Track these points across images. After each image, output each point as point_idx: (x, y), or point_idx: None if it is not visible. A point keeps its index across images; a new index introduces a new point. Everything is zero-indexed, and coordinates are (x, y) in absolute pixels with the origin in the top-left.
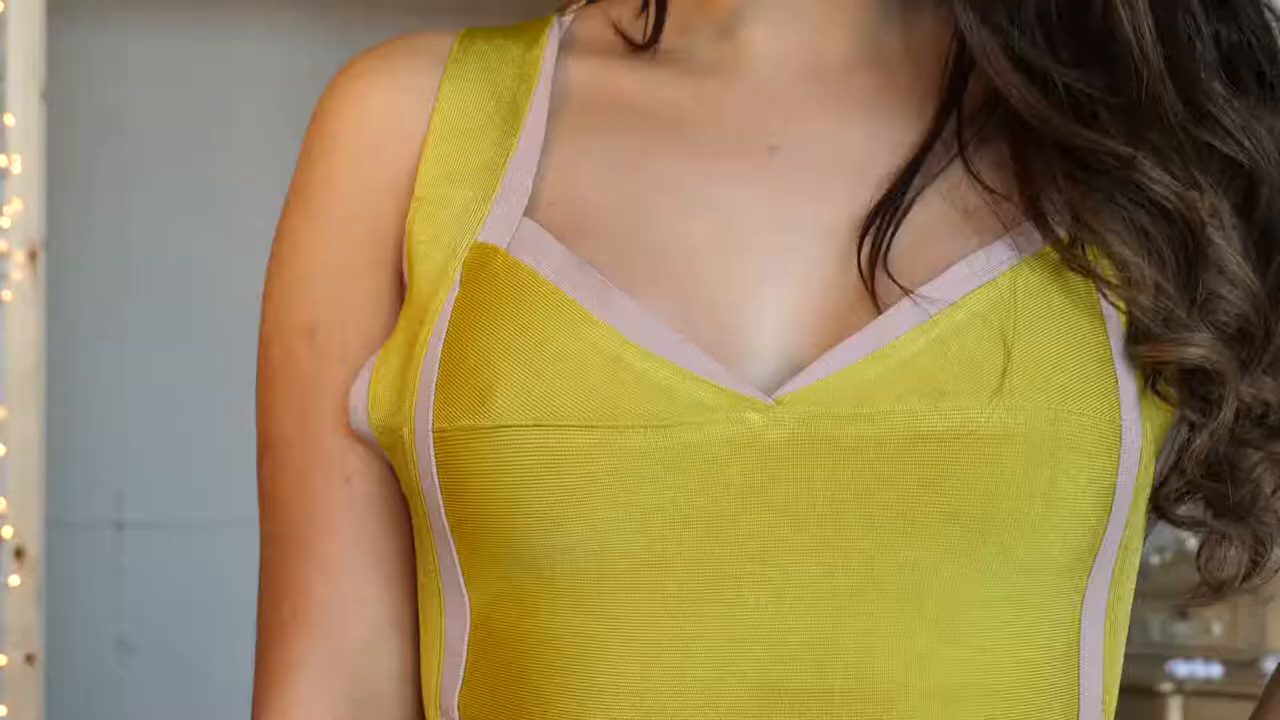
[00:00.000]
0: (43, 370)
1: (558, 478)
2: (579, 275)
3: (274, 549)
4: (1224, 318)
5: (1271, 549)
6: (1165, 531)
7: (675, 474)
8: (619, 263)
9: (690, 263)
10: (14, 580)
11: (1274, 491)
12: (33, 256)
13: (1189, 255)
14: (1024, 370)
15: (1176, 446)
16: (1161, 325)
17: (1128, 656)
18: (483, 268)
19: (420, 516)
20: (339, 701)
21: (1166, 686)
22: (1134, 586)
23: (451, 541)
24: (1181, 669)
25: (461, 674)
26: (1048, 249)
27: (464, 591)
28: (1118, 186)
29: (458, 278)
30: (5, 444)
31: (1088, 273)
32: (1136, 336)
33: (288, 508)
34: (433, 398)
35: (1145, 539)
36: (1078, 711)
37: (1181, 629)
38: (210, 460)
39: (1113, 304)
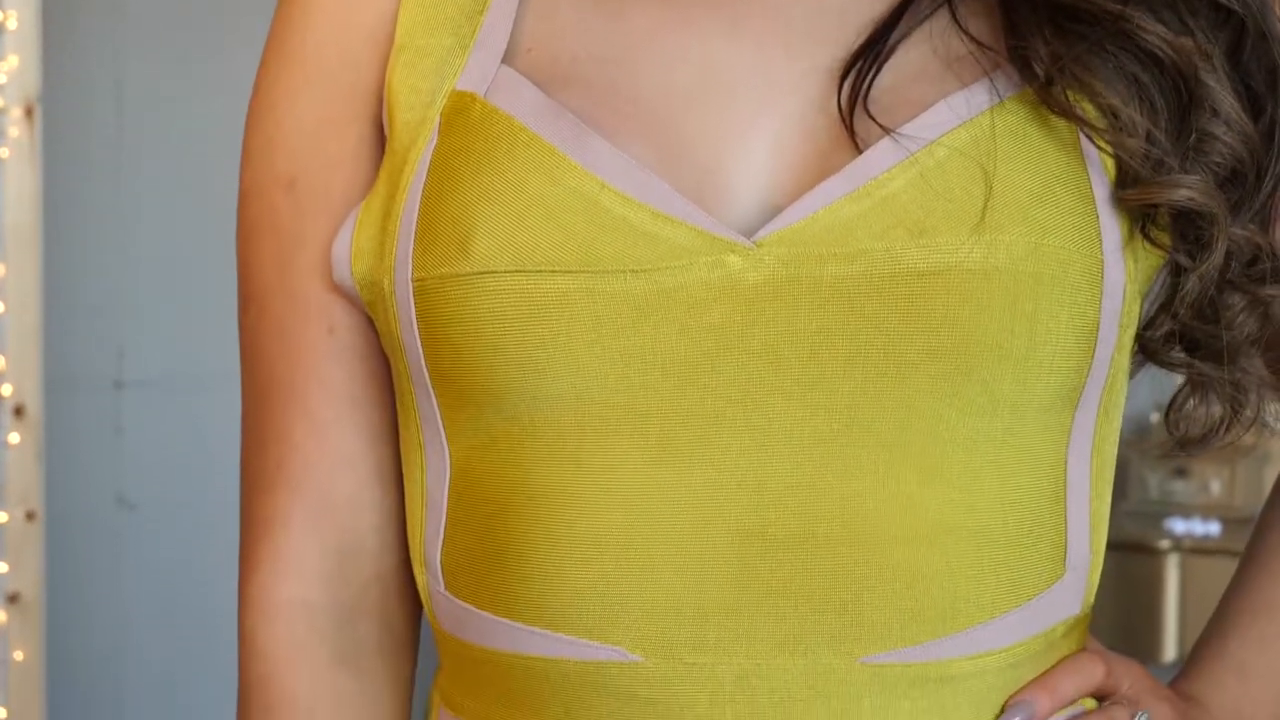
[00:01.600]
0: (40, 227)
1: (538, 323)
2: (557, 121)
3: (256, 401)
4: (1217, 158)
5: (1249, 400)
6: (1166, 388)
7: (655, 318)
8: (598, 108)
9: (670, 108)
10: (14, 438)
11: (1255, 340)
12: (29, 113)
13: (1182, 101)
14: (1004, 205)
15: (1165, 288)
16: (1150, 170)
17: (1126, 514)
18: (461, 115)
19: (401, 369)
20: (325, 553)
21: (1164, 544)
22: (1119, 427)
23: (432, 393)
24: (1179, 526)
25: (443, 526)
26: (1027, 91)
27: (445, 444)
28: (1107, 36)
29: (436, 126)
30: (4, 301)
31: (1067, 114)
32: (1125, 181)
33: (270, 360)
34: (412, 247)
35: (1130, 379)
36: (1064, 551)
37: (1179, 487)
38: (210, 318)
39: (1098, 147)
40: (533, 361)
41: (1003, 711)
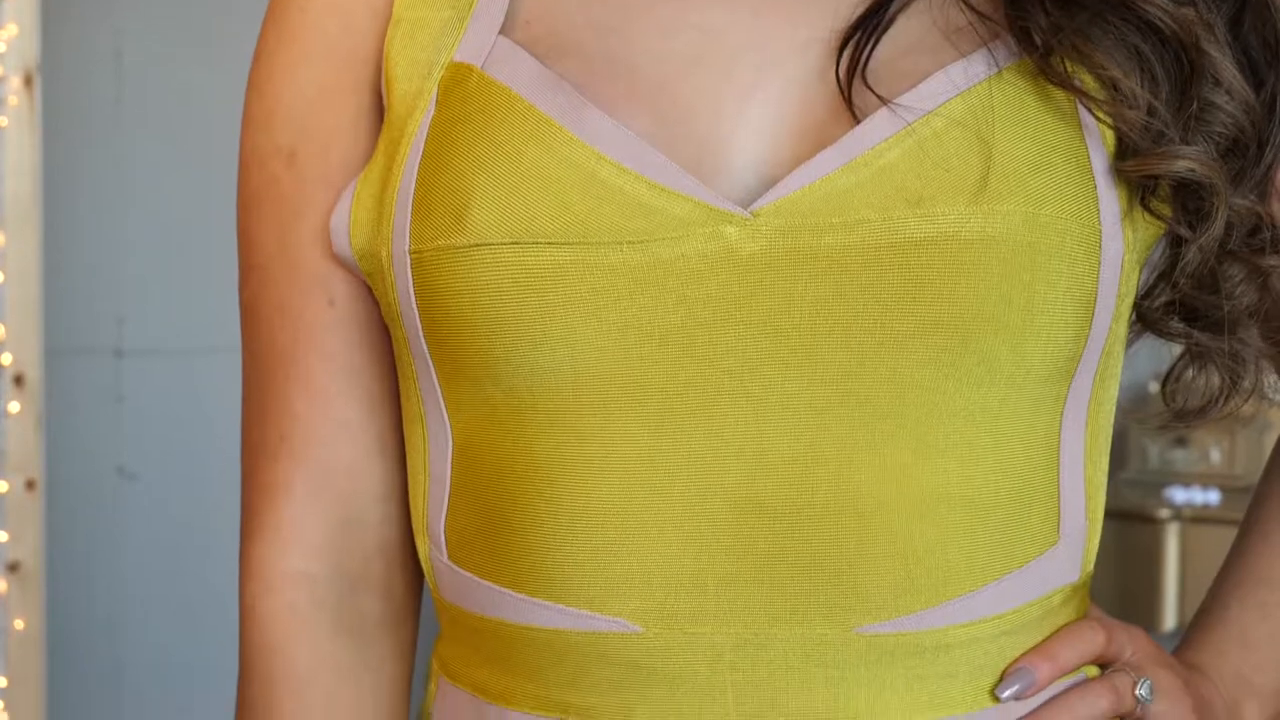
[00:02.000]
0: (40, 196)
1: (534, 295)
2: (555, 92)
3: (257, 372)
4: (1219, 128)
5: (1247, 370)
6: (1165, 358)
7: (652, 290)
8: (596, 80)
9: (667, 80)
10: (14, 407)
11: (1253, 312)
12: (28, 82)
13: (1183, 72)
14: (1001, 175)
15: (1165, 258)
16: (1150, 141)
17: (1126, 483)
18: (458, 86)
19: (400, 342)
20: (327, 522)
21: (1164, 513)
22: (1116, 395)
23: (431, 365)
24: (1179, 495)
25: (446, 499)
26: (1026, 61)
27: (445, 416)
28: (1108, 7)
29: (433, 98)
30: (3, 270)
31: (1065, 85)
32: (1124, 152)
33: (271, 330)
34: (409, 218)
35: (1127, 348)
36: (1057, 518)
37: (1180, 455)
38: (210, 288)
39: (1097, 118)
40: (529, 333)
41: (1001, 679)
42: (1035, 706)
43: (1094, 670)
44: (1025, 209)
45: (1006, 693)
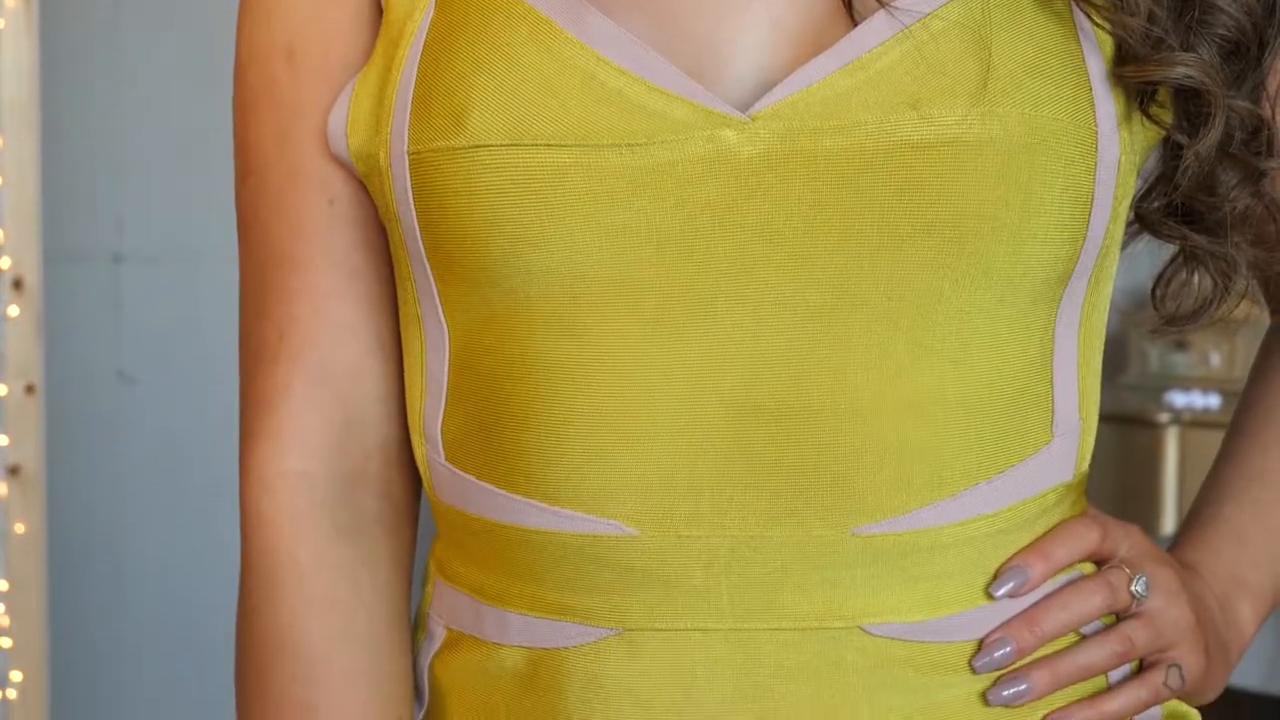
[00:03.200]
0: (38, 100)
1: (532, 197)
2: None
3: (256, 273)
4: (1221, 30)
5: (1239, 275)
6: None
7: (650, 193)
8: None
9: None
10: (13, 311)
11: (1247, 219)
12: None
13: None
14: (998, 77)
15: (1164, 161)
16: (1149, 48)
17: (1126, 387)
18: None
19: (398, 244)
20: (327, 423)
21: (1164, 417)
22: (1109, 296)
23: (429, 268)
24: (1179, 399)
25: (443, 401)
26: None
27: (442, 319)
28: None
29: None
30: (2, 175)
31: None
32: (1123, 58)
33: (269, 231)
34: (408, 120)
35: (1123, 250)
36: (1051, 417)
37: (1179, 360)
38: (210, 192)
39: (1096, 24)
40: (527, 235)
41: (996, 578)
42: (1030, 604)
43: (1089, 568)
44: (1022, 111)
45: (1001, 591)
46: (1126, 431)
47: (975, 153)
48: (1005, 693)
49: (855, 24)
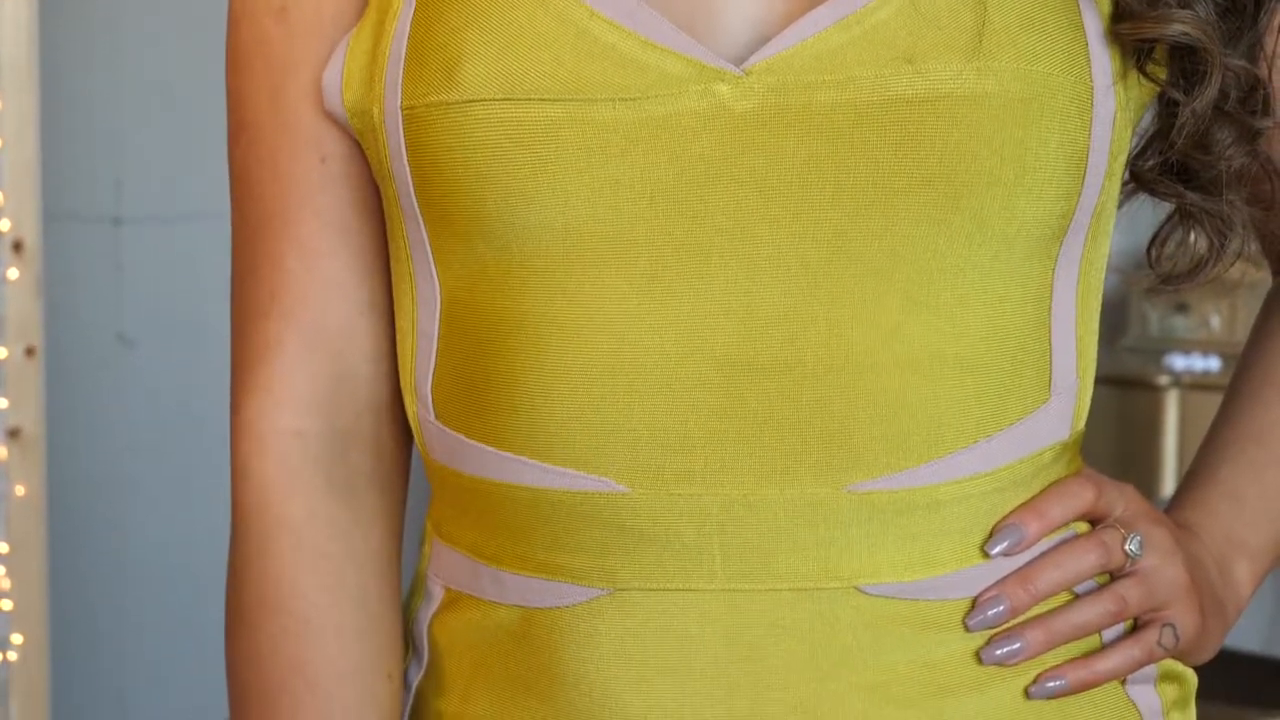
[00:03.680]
0: (37, 60)
1: (526, 152)
2: None
3: (248, 231)
4: None
5: (1234, 234)
6: (1167, 226)
7: (644, 148)
8: None
9: None
10: (13, 273)
11: (1242, 178)
12: None
13: None
14: (994, 32)
15: (1161, 118)
16: (1146, 5)
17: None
18: None
19: (391, 200)
20: (319, 380)
21: (1164, 380)
22: (1106, 254)
23: (422, 223)
24: (1179, 362)
25: (434, 356)
26: None
27: (434, 275)
28: None
29: None
30: (1, 135)
31: None
32: (1120, 15)
33: (261, 189)
34: (401, 75)
35: (1119, 208)
36: (1048, 375)
37: (1180, 322)
38: (208, 154)
39: None
40: (520, 190)
41: (991, 536)
42: (1024, 563)
43: (1084, 527)
44: (1018, 66)
45: (996, 549)
46: (1126, 394)
47: (970, 108)
48: (999, 651)
49: None
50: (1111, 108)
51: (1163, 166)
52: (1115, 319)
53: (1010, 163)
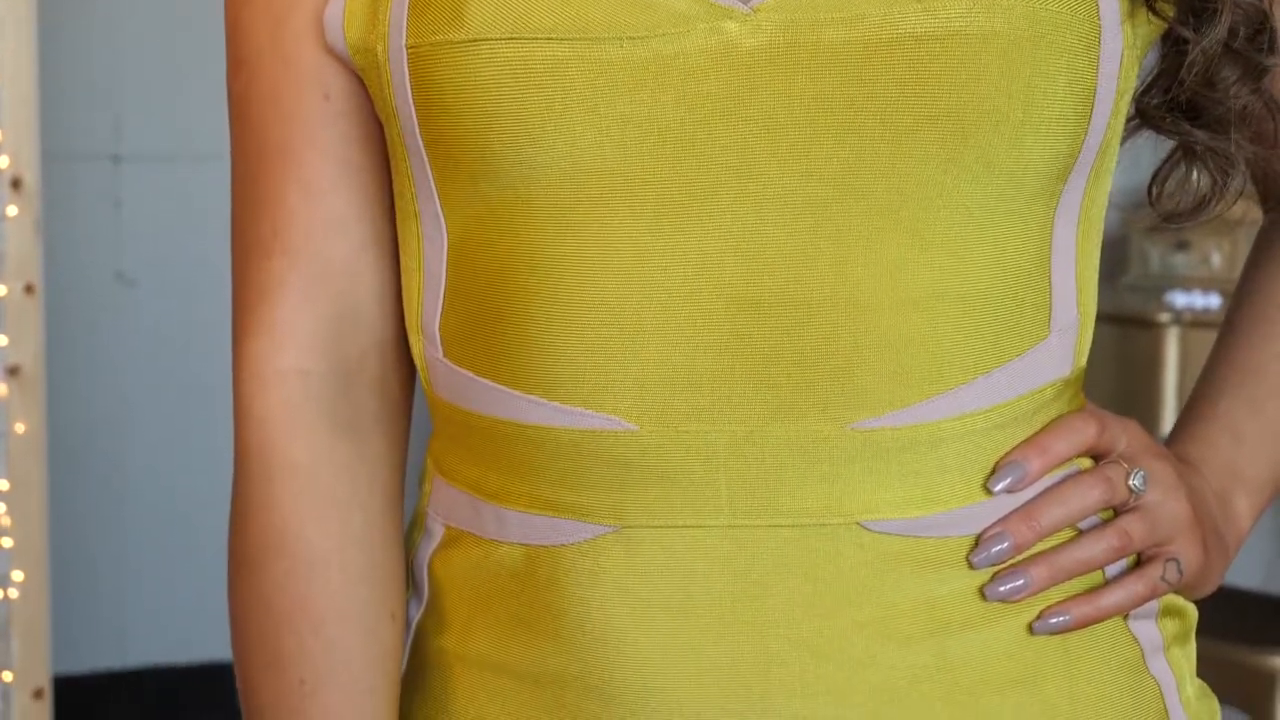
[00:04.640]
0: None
1: (533, 90)
2: None
3: (249, 168)
4: None
5: (1236, 172)
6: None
7: (651, 86)
8: None
9: None
10: (12, 211)
11: (1245, 117)
12: None
13: None
14: None
15: (1168, 56)
16: None
17: (1126, 288)
18: None
19: (395, 140)
20: (322, 318)
21: (1164, 317)
22: (1108, 190)
23: (427, 163)
24: (1180, 299)
25: (442, 296)
26: None
27: (440, 215)
28: None
29: None
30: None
31: None
32: None
33: (263, 125)
34: (406, 13)
35: (1121, 145)
36: (1049, 312)
37: (1180, 260)
38: (208, 91)
39: None
40: (527, 130)
41: (993, 472)
42: (1027, 499)
43: (1086, 463)
44: (1026, 4)
45: (999, 486)
46: (1127, 332)
47: (979, 45)
48: (1002, 588)
49: None
50: (1119, 46)
51: (1168, 103)
52: (1116, 257)
53: (1018, 101)
